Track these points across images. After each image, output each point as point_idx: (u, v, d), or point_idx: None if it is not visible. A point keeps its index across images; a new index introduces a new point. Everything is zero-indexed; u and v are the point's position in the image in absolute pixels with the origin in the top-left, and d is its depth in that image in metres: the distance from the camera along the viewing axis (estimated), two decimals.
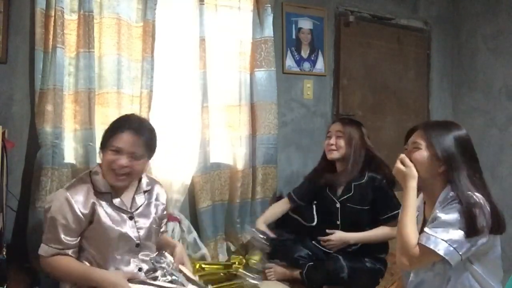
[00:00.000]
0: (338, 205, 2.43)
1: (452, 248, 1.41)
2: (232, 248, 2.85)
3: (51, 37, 2.36)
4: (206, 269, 2.48)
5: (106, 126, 2.48)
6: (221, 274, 2.44)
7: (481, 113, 3.72)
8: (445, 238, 1.42)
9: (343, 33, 3.45)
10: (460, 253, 1.42)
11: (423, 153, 1.58)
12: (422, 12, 3.85)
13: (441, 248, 1.42)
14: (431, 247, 1.43)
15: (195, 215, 2.80)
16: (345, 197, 2.41)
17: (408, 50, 3.78)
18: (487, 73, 3.70)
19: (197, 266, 2.46)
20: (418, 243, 1.46)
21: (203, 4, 2.77)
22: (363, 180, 2.37)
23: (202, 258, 2.62)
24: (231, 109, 2.94)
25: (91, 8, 2.43)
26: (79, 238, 1.71)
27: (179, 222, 2.61)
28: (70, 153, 2.47)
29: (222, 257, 2.77)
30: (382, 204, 2.33)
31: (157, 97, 2.65)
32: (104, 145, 1.74)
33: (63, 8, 2.37)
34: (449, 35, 3.96)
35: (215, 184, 2.84)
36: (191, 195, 2.82)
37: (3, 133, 1.93)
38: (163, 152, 2.70)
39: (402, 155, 1.62)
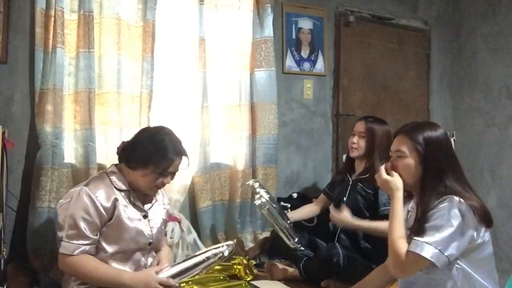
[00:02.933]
0: (350, 183, 2.52)
1: (437, 250, 1.41)
2: None
3: (51, 37, 2.36)
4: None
5: (106, 126, 2.53)
6: (221, 276, 2.43)
7: (481, 113, 3.72)
8: (430, 241, 1.42)
9: (343, 33, 3.45)
10: (446, 254, 1.41)
11: (408, 161, 1.55)
12: (422, 12, 3.85)
13: (427, 252, 1.41)
14: (417, 251, 1.42)
15: (195, 215, 2.80)
16: (358, 177, 2.50)
17: (408, 50, 3.78)
18: (487, 73, 3.69)
19: None
20: (407, 250, 1.45)
21: (203, 4, 2.77)
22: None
23: None
24: (231, 109, 2.94)
25: (91, 8, 2.43)
26: (98, 235, 1.68)
27: (179, 222, 2.61)
28: (70, 153, 2.47)
29: None
30: (383, 199, 2.35)
31: (157, 97, 2.66)
32: (155, 170, 1.70)
33: (63, 8, 2.37)
34: (449, 35, 3.96)
35: (215, 184, 2.84)
36: (191, 195, 2.82)
37: (3, 133, 1.93)
38: None
39: (384, 166, 1.60)
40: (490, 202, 3.49)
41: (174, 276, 1.67)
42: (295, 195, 3.10)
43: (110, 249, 1.69)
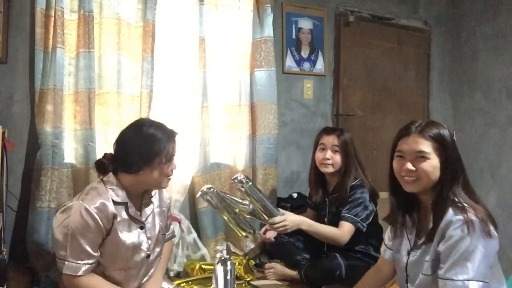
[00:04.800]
0: (327, 202, 2.46)
1: (481, 283, 1.34)
2: (232, 248, 2.85)
3: (51, 37, 2.37)
4: (206, 269, 2.48)
5: (106, 126, 2.53)
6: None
7: (481, 113, 3.72)
8: (470, 276, 1.34)
9: (343, 33, 3.45)
10: (487, 281, 1.36)
11: (432, 163, 1.45)
12: (422, 12, 3.85)
13: None
14: None
15: (195, 215, 2.80)
16: (334, 196, 2.42)
17: (408, 50, 3.78)
18: (487, 73, 3.69)
19: (197, 267, 2.47)
20: None
21: (203, 4, 2.78)
22: (349, 184, 2.36)
23: (202, 258, 2.62)
24: (231, 109, 2.94)
25: (91, 8, 2.43)
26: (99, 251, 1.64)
27: (179, 222, 2.61)
28: (70, 153, 2.47)
29: None
30: (349, 204, 2.31)
31: (157, 97, 2.66)
32: (161, 160, 1.64)
33: (63, 8, 2.38)
34: (449, 35, 3.96)
35: (215, 184, 2.84)
36: (191, 195, 2.82)
37: (3, 133, 1.93)
38: None
39: (407, 166, 1.47)
40: (490, 202, 3.49)
41: None
42: (295, 195, 3.10)
43: (107, 264, 1.65)
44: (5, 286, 1.84)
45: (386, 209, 2.36)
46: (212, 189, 2.12)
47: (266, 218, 2.16)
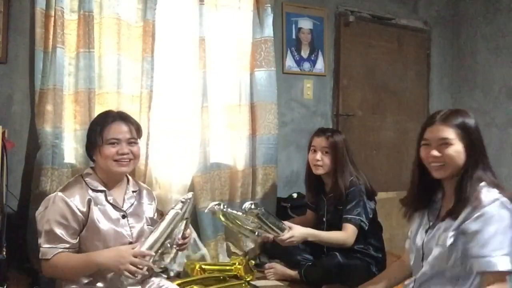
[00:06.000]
0: (325, 202, 2.47)
1: (509, 257, 1.39)
2: (232, 248, 2.85)
3: (51, 37, 2.37)
4: (206, 270, 2.48)
5: None
6: (221, 276, 2.43)
7: (481, 113, 3.72)
8: (504, 252, 1.38)
9: (343, 33, 3.46)
10: None
11: (456, 148, 1.51)
12: (422, 12, 3.85)
13: (506, 263, 1.38)
14: (500, 269, 1.38)
15: (195, 215, 2.79)
16: (331, 196, 2.43)
17: (408, 50, 3.78)
18: (487, 73, 3.70)
19: (197, 267, 2.47)
20: (483, 272, 1.40)
21: (203, 4, 2.77)
22: (346, 183, 2.38)
23: (202, 258, 2.62)
24: (231, 109, 2.94)
25: (91, 8, 2.43)
26: (78, 238, 1.68)
27: None
28: (70, 153, 2.47)
29: (222, 258, 2.77)
30: (349, 204, 2.32)
31: (157, 97, 2.66)
32: (98, 143, 1.72)
33: (63, 8, 2.38)
34: (449, 35, 3.96)
35: (215, 184, 2.84)
36: None
37: (3, 133, 1.94)
38: (163, 152, 2.71)
39: (432, 153, 1.54)
40: None
41: (149, 248, 1.62)
42: (295, 195, 3.10)
43: (86, 251, 1.67)
44: (5, 286, 1.85)
45: (385, 208, 2.38)
46: (220, 206, 2.07)
47: (275, 235, 2.13)
